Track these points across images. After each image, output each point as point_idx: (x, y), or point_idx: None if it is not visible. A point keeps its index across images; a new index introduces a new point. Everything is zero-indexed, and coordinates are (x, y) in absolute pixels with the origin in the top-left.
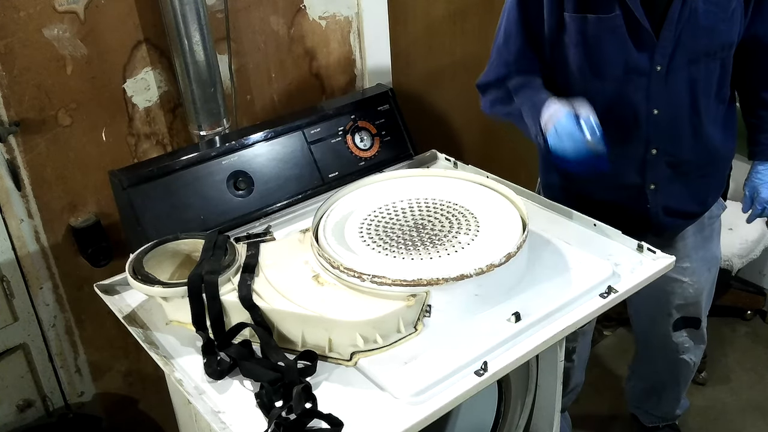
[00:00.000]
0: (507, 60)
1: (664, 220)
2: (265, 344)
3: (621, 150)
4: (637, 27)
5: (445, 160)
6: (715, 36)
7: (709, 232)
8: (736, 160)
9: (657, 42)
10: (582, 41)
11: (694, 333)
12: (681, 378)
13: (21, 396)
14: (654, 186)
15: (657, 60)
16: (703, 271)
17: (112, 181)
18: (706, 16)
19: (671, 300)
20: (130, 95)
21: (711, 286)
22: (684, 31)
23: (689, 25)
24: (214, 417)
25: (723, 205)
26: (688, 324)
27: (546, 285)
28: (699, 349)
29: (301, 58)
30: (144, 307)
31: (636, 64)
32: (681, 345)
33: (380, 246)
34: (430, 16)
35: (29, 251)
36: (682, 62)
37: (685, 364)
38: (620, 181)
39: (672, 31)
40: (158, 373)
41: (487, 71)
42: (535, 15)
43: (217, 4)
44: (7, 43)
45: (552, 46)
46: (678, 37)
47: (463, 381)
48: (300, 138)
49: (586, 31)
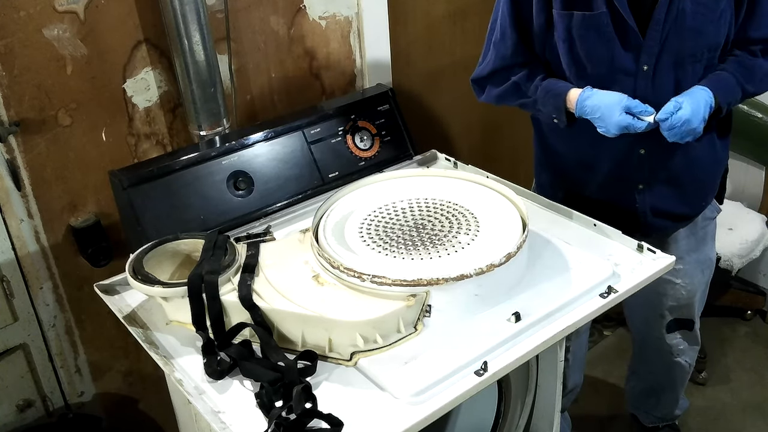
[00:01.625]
0: (504, 54)
1: (653, 221)
2: (265, 344)
3: (609, 148)
4: (623, 26)
5: (445, 160)
6: (702, 37)
7: (702, 235)
8: (734, 159)
9: (643, 42)
10: (569, 38)
11: (687, 335)
12: (677, 380)
13: (21, 396)
14: (642, 186)
15: (643, 60)
16: (696, 273)
17: (112, 181)
18: (693, 17)
19: (664, 302)
20: (130, 95)
21: (704, 287)
22: (671, 32)
23: (676, 26)
24: (214, 417)
25: (718, 208)
26: (681, 326)
27: (546, 285)
28: (693, 351)
29: (301, 58)
30: (144, 307)
31: (622, 63)
32: (675, 347)
33: (380, 246)
34: (430, 16)
35: (29, 251)
36: (668, 63)
37: (680, 367)
38: (610, 180)
39: (659, 31)
40: (158, 373)
41: (483, 65)
42: (527, 13)
43: (217, 4)
44: (7, 43)
45: (543, 43)
46: (665, 38)
47: (463, 381)
48: (300, 138)
49: (572, 28)
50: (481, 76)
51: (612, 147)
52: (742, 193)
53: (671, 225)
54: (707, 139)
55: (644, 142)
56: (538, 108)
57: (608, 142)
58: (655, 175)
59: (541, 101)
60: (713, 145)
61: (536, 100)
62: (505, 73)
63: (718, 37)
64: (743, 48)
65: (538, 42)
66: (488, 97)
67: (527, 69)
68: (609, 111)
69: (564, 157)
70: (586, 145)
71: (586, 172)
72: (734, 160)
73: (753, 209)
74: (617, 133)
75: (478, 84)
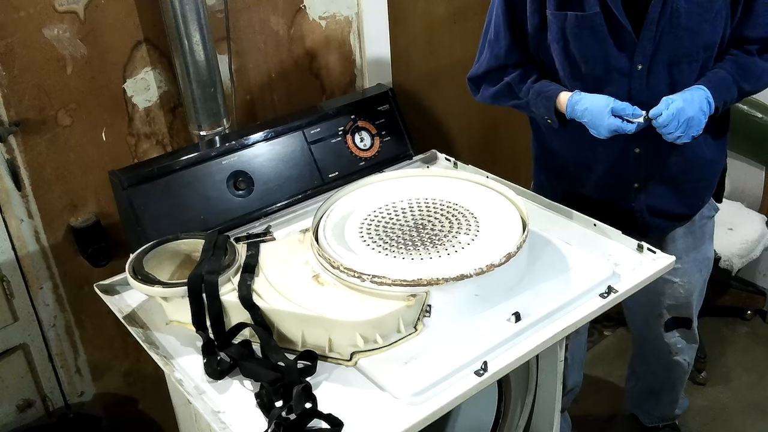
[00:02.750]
0: (498, 54)
1: (650, 220)
2: (265, 344)
3: (605, 148)
4: (617, 25)
5: (445, 160)
6: (697, 37)
7: (700, 234)
8: (734, 159)
9: (637, 41)
10: (562, 39)
11: (685, 333)
12: (677, 380)
13: (21, 396)
14: (638, 185)
15: (637, 59)
16: (695, 272)
17: (112, 181)
18: (688, 17)
19: (662, 301)
20: (130, 95)
21: (702, 286)
22: (665, 31)
23: (670, 25)
24: (214, 417)
25: (716, 207)
26: (679, 324)
27: (546, 285)
28: (692, 349)
29: (301, 58)
30: (144, 307)
31: (616, 63)
32: (674, 346)
33: (380, 246)
34: (430, 16)
35: (29, 251)
36: (663, 63)
37: (679, 366)
38: (607, 179)
39: (652, 30)
40: (158, 373)
41: (478, 64)
42: (521, 14)
43: (217, 4)
44: (7, 43)
45: (537, 43)
46: (659, 37)
47: (463, 381)
48: (300, 138)
49: (566, 28)
50: (476, 75)
51: (607, 147)
52: (742, 193)
53: (669, 224)
54: (702, 137)
55: (639, 141)
56: (530, 110)
57: (603, 142)
58: (651, 174)
59: (533, 103)
60: (708, 144)
61: (528, 102)
62: (498, 73)
63: (713, 36)
64: (739, 47)
65: (532, 43)
66: (483, 96)
67: (521, 70)
68: (598, 115)
69: (562, 156)
70: (582, 145)
71: (583, 172)
72: (734, 160)
73: (753, 209)
74: (608, 135)
75: (474, 83)
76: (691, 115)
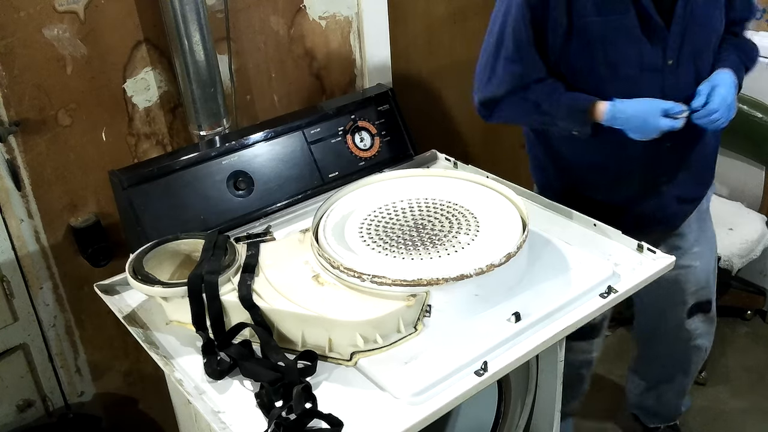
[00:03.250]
0: (520, 73)
1: (676, 209)
2: (265, 344)
3: (640, 148)
4: (649, 24)
5: (445, 160)
6: (711, 26)
7: (706, 213)
8: (734, 159)
9: (668, 36)
10: (599, 44)
11: (706, 316)
12: (691, 366)
13: (21, 396)
14: (666, 177)
15: (669, 55)
16: (707, 250)
17: (112, 181)
18: (704, 6)
19: (686, 288)
20: (130, 95)
21: (715, 263)
22: (689, 24)
23: (693, 17)
24: (214, 417)
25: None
26: (701, 309)
27: (546, 285)
28: (710, 334)
29: (301, 58)
30: (144, 307)
31: (650, 60)
32: (694, 332)
33: (380, 246)
34: (430, 16)
35: (29, 251)
36: (688, 54)
37: (697, 351)
38: (629, 178)
39: (680, 24)
40: (158, 373)
41: (493, 85)
42: (544, 27)
43: (217, 4)
44: (7, 43)
45: (558, 54)
46: (684, 31)
47: (463, 381)
48: (300, 138)
49: (604, 33)
50: (493, 98)
51: (642, 147)
52: (742, 193)
53: (689, 208)
54: None
55: (669, 135)
56: (556, 123)
57: (639, 144)
58: (678, 164)
59: (562, 117)
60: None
61: (555, 116)
62: (521, 92)
63: (721, 23)
64: (727, 31)
65: (552, 54)
66: (498, 118)
67: (544, 85)
68: (647, 119)
69: (572, 160)
70: (604, 149)
71: (597, 173)
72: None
73: (753, 209)
74: (656, 136)
75: (487, 106)
76: (731, 100)
